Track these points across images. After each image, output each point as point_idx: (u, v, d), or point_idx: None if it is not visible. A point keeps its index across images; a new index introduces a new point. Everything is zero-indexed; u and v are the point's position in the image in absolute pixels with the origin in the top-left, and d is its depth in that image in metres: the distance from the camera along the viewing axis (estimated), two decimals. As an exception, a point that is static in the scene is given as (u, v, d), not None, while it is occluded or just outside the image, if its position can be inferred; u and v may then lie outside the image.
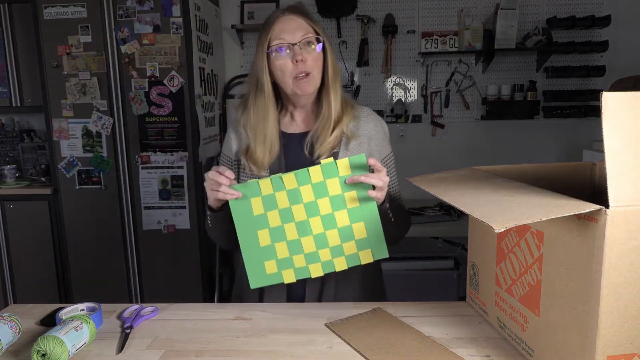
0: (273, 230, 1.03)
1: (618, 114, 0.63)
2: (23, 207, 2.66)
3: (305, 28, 1.08)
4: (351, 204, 1.02)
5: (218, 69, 2.99)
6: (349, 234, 1.03)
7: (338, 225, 1.02)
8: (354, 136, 1.15)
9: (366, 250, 1.04)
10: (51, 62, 2.50)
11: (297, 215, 1.03)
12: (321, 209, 1.02)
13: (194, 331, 0.97)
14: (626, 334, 0.66)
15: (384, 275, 1.29)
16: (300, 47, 1.06)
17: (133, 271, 2.67)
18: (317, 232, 1.02)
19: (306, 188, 1.02)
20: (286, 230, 1.03)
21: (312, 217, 1.02)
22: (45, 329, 0.96)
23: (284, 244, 1.03)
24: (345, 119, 1.14)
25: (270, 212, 1.03)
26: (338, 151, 1.14)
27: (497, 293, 0.92)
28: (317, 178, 1.02)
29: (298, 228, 1.03)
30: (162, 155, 2.55)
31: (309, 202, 1.02)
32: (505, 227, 0.63)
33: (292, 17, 1.09)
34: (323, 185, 1.02)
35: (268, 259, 1.04)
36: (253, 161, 1.13)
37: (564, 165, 1.02)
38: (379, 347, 0.87)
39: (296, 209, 1.02)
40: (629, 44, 2.87)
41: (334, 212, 1.02)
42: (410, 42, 2.98)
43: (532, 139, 3.02)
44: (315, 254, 1.03)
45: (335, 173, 1.01)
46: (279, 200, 1.03)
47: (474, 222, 1.02)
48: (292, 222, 1.03)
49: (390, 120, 3.05)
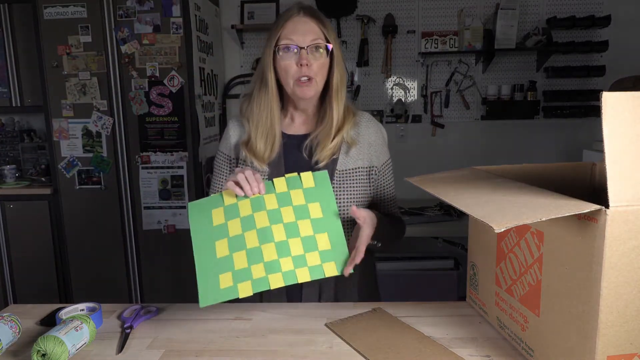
0: (232, 240, 0.98)
1: (618, 114, 0.63)
2: (23, 207, 2.66)
3: (316, 32, 1.07)
4: (315, 214, 1.01)
5: (218, 69, 2.99)
6: (312, 244, 0.99)
7: (301, 234, 0.99)
8: (354, 143, 1.15)
9: (330, 263, 0.99)
10: (51, 62, 2.50)
11: (259, 222, 0.99)
12: (284, 217, 1.00)
13: (194, 331, 0.97)
14: (626, 334, 0.66)
15: (384, 275, 1.30)
16: (308, 51, 1.05)
17: (133, 271, 2.67)
18: (279, 240, 0.98)
19: (270, 197, 1.02)
20: (246, 238, 0.98)
21: (275, 224, 0.98)
22: (45, 329, 0.96)
23: (243, 253, 0.97)
24: (346, 125, 1.14)
25: (232, 220, 0.99)
26: (337, 158, 1.14)
27: (497, 293, 0.92)
28: (281, 188, 1.03)
29: (259, 235, 0.98)
30: (162, 155, 2.55)
31: (272, 209, 1.00)
32: (505, 227, 0.63)
33: (305, 20, 1.07)
34: (287, 195, 1.02)
35: (223, 272, 0.95)
36: (253, 154, 1.13)
37: (564, 165, 1.02)
38: (379, 347, 0.87)
39: (258, 215, 0.99)
40: (629, 44, 2.87)
41: (297, 221, 0.99)
42: (410, 42, 2.98)
43: (532, 139, 3.02)
44: (276, 262, 0.96)
45: (299, 185, 1.03)
46: (242, 209, 1.00)
47: (474, 222, 1.02)
48: (253, 229, 0.98)
49: (390, 120, 3.05)
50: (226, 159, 1.22)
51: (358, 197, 1.15)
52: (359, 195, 1.15)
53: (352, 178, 1.15)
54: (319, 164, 1.12)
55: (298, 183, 1.04)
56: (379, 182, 1.21)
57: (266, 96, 1.12)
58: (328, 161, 1.12)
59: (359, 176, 1.15)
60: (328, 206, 1.02)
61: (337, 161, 1.13)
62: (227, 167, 1.22)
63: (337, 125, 1.12)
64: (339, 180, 1.13)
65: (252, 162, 1.13)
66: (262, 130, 1.12)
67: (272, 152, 1.13)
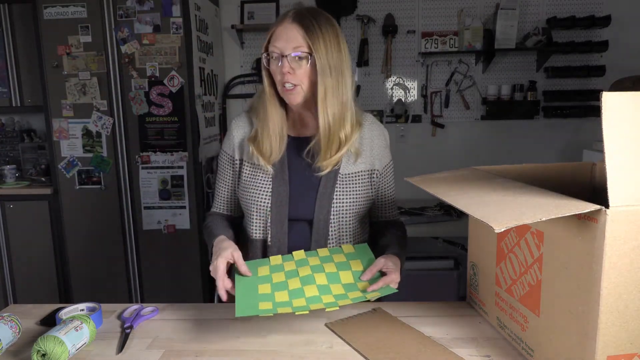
0: (275, 285, 1.01)
1: (618, 114, 0.63)
2: (23, 207, 2.66)
3: (299, 41, 1.03)
4: (356, 267, 1.04)
5: (218, 69, 2.99)
6: (352, 286, 1.00)
7: (342, 281, 1.00)
8: (359, 153, 1.16)
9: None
10: (51, 62, 2.50)
11: (302, 272, 1.03)
12: (326, 268, 1.03)
13: (194, 331, 0.97)
14: (626, 334, 0.66)
15: (384, 275, 1.30)
16: (289, 60, 1.04)
17: (133, 271, 2.67)
18: (321, 283, 1.00)
19: (313, 258, 1.07)
20: (289, 283, 1.00)
21: (317, 273, 1.02)
22: (45, 329, 0.96)
23: (285, 292, 0.98)
24: (353, 137, 1.12)
25: (276, 273, 1.04)
26: (338, 169, 1.14)
27: (497, 293, 0.92)
28: (324, 252, 1.09)
29: (302, 280, 1.01)
30: (162, 155, 2.55)
31: (314, 264, 1.04)
32: (505, 227, 0.63)
33: (291, 27, 1.04)
34: (329, 257, 1.08)
35: (263, 301, 0.96)
36: (260, 152, 1.13)
37: (564, 165, 1.02)
38: (379, 347, 0.87)
39: (302, 270, 1.03)
40: (629, 44, 2.87)
41: (338, 272, 1.02)
42: (410, 42, 2.98)
43: (532, 139, 3.02)
44: (318, 297, 0.97)
45: (340, 251, 1.10)
46: (286, 266, 1.06)
47: (474, 222, 1.02)
48: (296, 277, 1.01)
49: (390, 120, 3.05)
50: (229, 158, 1.22)
51: (360, 200, 1.15)
52: (361, 198, 1.16)
53: (355, 181, 1.15)
54: (320, 172, 1.12)
55: (339, 250, 1.10)
56: (380, 184, 1.21)
57: (265, 97, 1.12)
58: (331, 170, 1.13)
59: (361, 179, 1.16)
60: (369, 262, 1.05)
61: (340, 165, 1.14)
62: (229, 167, 1.22)
63: (329, 134, 1.09)
64: (342, 183, 1.14)
65: (257, 159, 1.13)
66: (266, 130, 1.12)
67: (276, 154, 1.13)
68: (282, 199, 1.13)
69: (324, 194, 1.13)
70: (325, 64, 1.05)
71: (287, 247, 1.14)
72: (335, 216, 1.13)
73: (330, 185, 1.13)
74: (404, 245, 1.20)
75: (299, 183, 1.14)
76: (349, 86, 1.11)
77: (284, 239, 1.13)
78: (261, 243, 1.16)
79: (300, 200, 1.14)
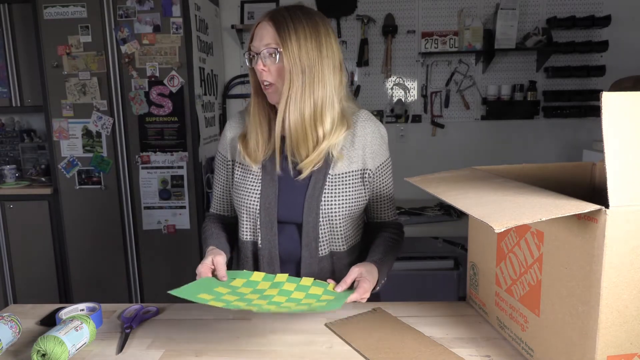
0: (234, 292, 0.96)
1: (618, 114, 0.63)
2: (23, 207, 2.66)
3: (270, 38, 1.03)
4: (325, 297, 0.98)
5: (218, 69, 2.99)
6: (315, 297, 0.97)
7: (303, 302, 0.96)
8: (340, 157, 1.10)
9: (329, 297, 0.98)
10: (51, 62, 2.50)
11: (269, 292, 0.98)
12: (293, 295, 0.98)
13: (194, 331, 0.97)
14: (626, 334, 0.66)
15: (384, 275, 1.30)
16: (262, 57, 1.04)
17: (133, 271, 2.67)
18: (277, 301, 0.95)
19: (290, 284, 1.02)
20: (248, 295, 0.96)
21: (279, 296, 0.97)
22: (45, 329, 0.96)
23: (237, 297, 0.94)
24: (333, 137, 1.07)
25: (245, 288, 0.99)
26: (328, 169, 1.10)
27: (497, 293, 0.92)
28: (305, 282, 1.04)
29: (262, 297, 0.95)
30: (162, 155, 2.55)
31: (286, 289, 1.00)
32: (505, 227, 0.63)
33: (265, 25, 1.04)
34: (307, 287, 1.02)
35: (207, 294, 0.93)
36: (247, 151, 1.13)
37: (564, 165, 1.02)
38: (378, 347, 0.87)
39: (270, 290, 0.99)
40: (629, 44, 2.87)
41: (302, 299, 0.96)
42: (410, 42, 2.98)
43: (532, 139, 3.03)
44: (268, 304, 0.94)
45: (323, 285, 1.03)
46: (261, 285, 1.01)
47: (474, 222, 1.02)
48: (258, 294, 0.96)
49: (390, 120, 3.05)
50: (223, 159, 1.21)
51: (350, 201, 1.11)
52: (351, 199, 1.11)
53: (345, 182, 1.11)
54: (301, 174, 1.09)
55: (323, 284, 1.03)
56: (375, 183, 1.16)
57: (253, 98, 1.13)
58: (312, 170, 1.09)
59: (351, 179, 1.11)
60: (340, 296, 0.98)
61: (330, 165, 1.10)
62: (224, 168, 1.22)
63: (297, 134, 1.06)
64: (331, 184, 1.10)
65: (244, 158, 1.13)
66: (253, 129, 1.12)
67: (262, 153, 1.12)
68: (271, 201, 1.11)
69: (312, 196, 1.09)
70: (295, 60, 1.01)
71: (277, 250, 1.12)
72: (324, 219, 1.09)
73: (319, 186, 1.10)
74: (394, 249, 1.16)
75: (288, 185, 1.12)
76: (331, 84, 1.06)
77: (274, 242, 1.11)
78: (252, 245, 1.14)
79: (289, 203, 1.11)
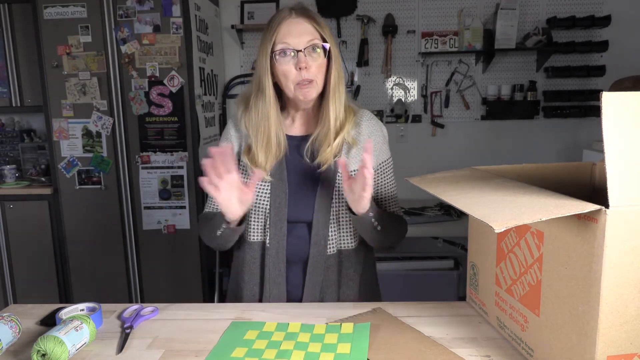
0: (251, 351, 0.91)
1: (618, 114, 0.63)
2: (23, 207, 2.66)
3: (311, 32, 1.05)
4: (341, 350, 0.91)
5: (218, 69, 2.99)
6: None
7: None
8: (355, 143, 1.13)
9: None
10: (51, 62, 2.50)
11: (284, 345, 0.92)
12: (309, 347, 0.92)
13: (194, 331, 0.97)
14: (626, 334, 0.66)
15: (384, 275, 1.30)
16: (305, 53, 1.03)
17: (133, 271, 2.67)
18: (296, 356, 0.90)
19: (305, 334, 0.96)
20: (265, 352, 0.90)
21: (297, 350, 0.91)
22: (45, 329, 0.96)
23: None
24: (347, 125, 1.12)
25: (260, 340, 0.94)
26: (337, 169, 1.12)
27: (497, 293, 0.92)
28: (319, 330, 0.98)
29: (278, 353, 0.90)
30: (162, 155, 2.55)
31: (301, 341, 0.94)
32: (505, 227, 0.63)
33: (299, 20, 1.05)
34: (321, 335, 0.96)
35: None
36: (255, 163, 1.11)
37: (564, 165, 1.02)
38: (379, 347, 0.87)
39: (285, 343, 0.93)
40: (629, 44, 2.87)
41: (320, 353, 0.90)
42: (410, 42, 2.98)
43: (532, 139, 3.03)
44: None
45: (337, 330, 0.97)
46: (275, 335, 0.96)
47: (474, 222, 1.02)
48: (275, 349, 0.91)
49: (390, 120, 3.05)
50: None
51: None
52: None
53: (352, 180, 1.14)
54: (321, 167, 1.11)
55: (336, 329, 0.97)
56: (378, 181, 1.19)
57: (264, 104, 1.09)
58: (331, 162, 1.11)
59: None
60: (359, 349, 0.91)
61: (336, 163, 1.11)
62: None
63: (336, 125, 1.10)
64: (341, 182, 1.11)
65: (252, 171, 1.10)
66: (262, 139, 1.10)
67: (273, 158, 1.11)
68: (281, 200, 1.11)
69: (322, 195, 1.11)
70: (335, 52, 1.09)
71: (285, 250, 1.12)
72: (334, 216, 1.12)
73: (328, 185, 1.11)
74: (392, 216, 1.17)
75: (298, 184, 1.13)
76: None
77: (282, 241, 1.12)
78: (260, 245, 1.14)
79: (300, 202, 1.12)
